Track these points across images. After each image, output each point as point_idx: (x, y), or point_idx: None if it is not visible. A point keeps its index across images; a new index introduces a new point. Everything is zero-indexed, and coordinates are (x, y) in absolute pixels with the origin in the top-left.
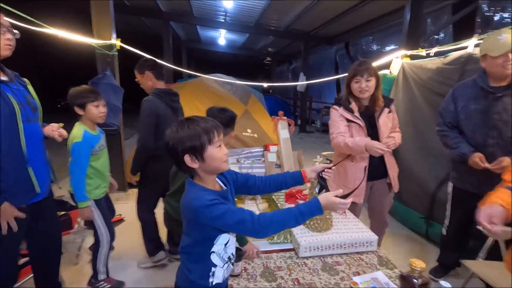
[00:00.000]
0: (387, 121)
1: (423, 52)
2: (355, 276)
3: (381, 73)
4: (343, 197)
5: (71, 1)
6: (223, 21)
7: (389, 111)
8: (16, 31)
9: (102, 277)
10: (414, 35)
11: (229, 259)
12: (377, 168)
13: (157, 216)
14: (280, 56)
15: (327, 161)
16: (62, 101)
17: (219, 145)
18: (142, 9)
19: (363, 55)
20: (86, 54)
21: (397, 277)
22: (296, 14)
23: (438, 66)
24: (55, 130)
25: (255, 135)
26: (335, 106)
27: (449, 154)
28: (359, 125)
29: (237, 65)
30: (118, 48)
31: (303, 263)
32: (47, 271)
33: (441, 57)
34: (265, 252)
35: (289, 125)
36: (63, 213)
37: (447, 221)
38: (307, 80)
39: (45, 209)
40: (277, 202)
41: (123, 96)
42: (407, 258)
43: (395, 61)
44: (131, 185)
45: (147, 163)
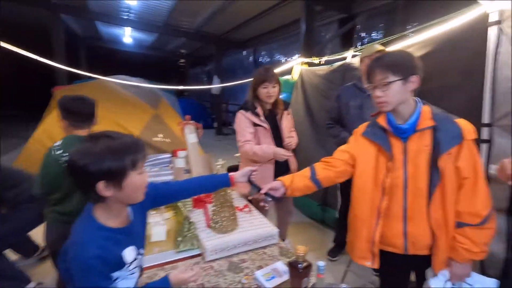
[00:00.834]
0: (287, 123)
1: (316, 60)
2: (258, 270)
3: (285, 78)
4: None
5: None
6: (126, 18)
7: (288, 113)
8: None
9: None
10: (309, 44)
11: None
12: (281, 165)
13: None
14: (194, 58)
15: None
16: None
17: (142, 171)
18: None
19: (268, 61)
20: None
21: None
22: (205, 16)
23: (326, 72)
24: None
25: (167, 140)
26: (241, 111)
27: (335, 142)
28: (264, 128)
29: (147, 67)
30: None
31: (209, 267)
32: None
33: (328, 65)
34: (171, 262)
35: (197, 129)
36: None
37: (339, 205)
38: (221, 83)
39: None
40: (184, 208)
41: None
42: (309, 244)
43: (296, 67)
44: None
45: None
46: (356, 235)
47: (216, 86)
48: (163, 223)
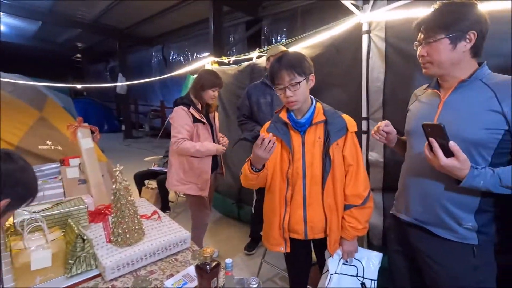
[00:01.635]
0: (218, 122)
1: (226, 59)
2: (168, 279)
3: (195, 77)
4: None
5: None
6: None
7: (217, 114)
8: None
9: None
10: (219, 44)
11: None
12: (214, 161)
13: None
14: (93, 53)
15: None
16: None
17: None
18: None
19: (179, 59)
20: None
21: None
22: (103, 7)
23: (235, 72)
24: None
25: (59, 147)
26: (181, 106)
27: (248, 136)
28: (204, 124)
29: (30, 60)
30: None
31: (111, 286)
32: None
33: (237, 65)
34: None
35: (93, 133)
36: None
37: (254, 201)
38: (127, 81)
39: None
40: (76, 225)
41: None
42: (228, 242)
43: (207, 66)
44: None
45: None
46: (270, 225)
47: (121, 84)
48: (47, 246)
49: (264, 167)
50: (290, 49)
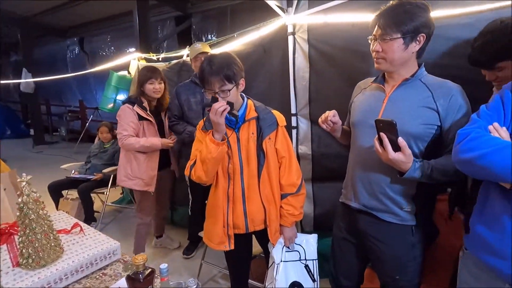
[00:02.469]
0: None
1: (154, 56)
2: None
3: (121, 73)
4: None
5: None
6: None
7: None
8: None
9: None
10: (146, 39)
11: None
12: (164, 158)
13: None
14: None
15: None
16: None
17: None
18: None
19: (101, 53)
20: None
21: None
22: None
23: (164, 69)
24: None
25: None
26: (127, 104)
27: (180, 137)
28: (150, 122)
29: None
30: None
31: None
32: None
33: (166, 63)
34: None
35: None
36: None
37: (191, 202)
38: (33, 78)
39: None
40: None
41: None
42: (164, 248)
43: (133, 62)
44: None
45: None
46: (213, 222)
47: (25, 81)
48: None
49: (223, 140)
50: (220, 49)
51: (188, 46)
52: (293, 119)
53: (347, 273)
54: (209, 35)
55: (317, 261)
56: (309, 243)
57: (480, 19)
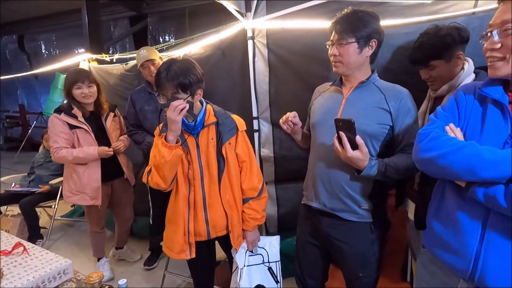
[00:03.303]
0: (114, 124)
1: (106, 57)
2: None
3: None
4: None
5: None
6: None
7: (114, 115)
8: None
9: None
10: (97, 39)
11: None
12: (113, 168)
13: None
14: None
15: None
16: None
17: None
18: None
19: (45, 53)
20: None
21: None
22: None
23: (121, 72)
24: None
25: None
26: (55, 114)
27: (139, 147)
28: (85, 130)
29: None
30: None
31: None
32: None
33: (123, 64)
34: None
35: None
36: None
37: (151, 211)
38: None
39: None
40: None
41: None
42: (123, 261)
43: (82, 63)
44: None
45: None
46: (174, 230)
47: None
48: None
49: (178, 143)
50: (178, 51)
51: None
52: (255, 122)
53: (312, 273)
54: (166, 36)
55: (280, 262)
56: (272, 245)
57: (421, 28)
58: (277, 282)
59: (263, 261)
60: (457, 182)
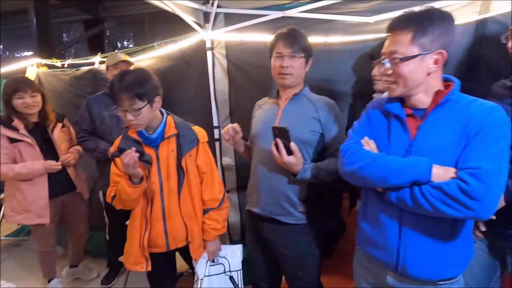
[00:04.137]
0: (63, 136)
1: (57, 62)
2: None
3: None
4: None
5: None
6: None
7: (63, 126)
8: None
9: None
10: (47, 42)
11: None
12: (62, 182)
13: None
14: None
15: None
16: None
17: None
18: None
19: None
20: None
21: None
22: None
23: (71, 78)
24: None
25: None
26: None
27: (92, 156)
28: (28, 143)
29: None
30: None
31: None
32: None
33: (73, 69)
34: None
35: None
36: None
37: (108, 226)
38: None
39: None
40: None
41: None
42: (79, 280)
43: (30, 68)
44: None
45: None
46: (131, 243)
47: None
48: None
49: (143, 180)
50: (138, 57)
51: (100, 52)
52: (216, 131)
53: (265, 277)
54: (125, 42)
55: (241, 271)
56: (234, 254)
57: (366, 46)
58: None
59: (224, 270)
60: (376, 188)
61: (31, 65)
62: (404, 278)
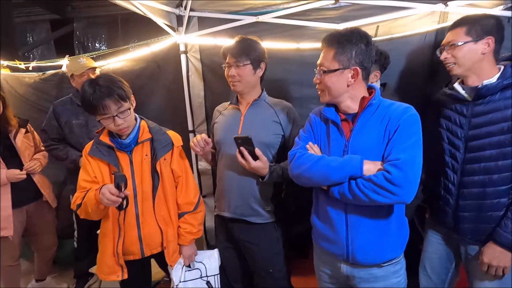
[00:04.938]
0: (27, 142)
1: (21, 64)
2: None
3: None
4: None
5: None
6: None
7: (26, 131)
8: None
9: None
10: (9, 43)
11: None
12: (27, 190)
13: None
14: None
15: None
16: None
17: None
18: None
19: None
20: None
21: None
22: None
23: (35, 81)
24: None
25: None
26: None
27: (64, 165)
28: None
29: None
30: None
31: None
32: None
33: (39, 73)
34: None
35: None
36: None
37: (76, 233)
38: None
39: None
40: None
41: None
42: None
43: None
44: None
45: None
46: (103, 252)
47: None
48: None
49: None
50: (110, 60)
51: (68, 55)
52: (191, 135)
53: (236, 277)
54: (96, 44)
55: (219, 275)
56: (212, 258)
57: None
58: None
59: (201, 275)
60: (322, 187)
61: None
62: (355, 265)
